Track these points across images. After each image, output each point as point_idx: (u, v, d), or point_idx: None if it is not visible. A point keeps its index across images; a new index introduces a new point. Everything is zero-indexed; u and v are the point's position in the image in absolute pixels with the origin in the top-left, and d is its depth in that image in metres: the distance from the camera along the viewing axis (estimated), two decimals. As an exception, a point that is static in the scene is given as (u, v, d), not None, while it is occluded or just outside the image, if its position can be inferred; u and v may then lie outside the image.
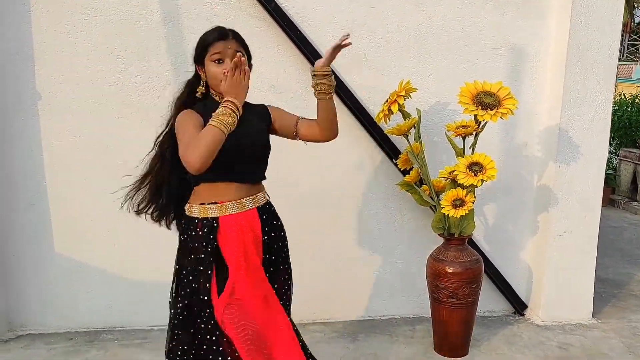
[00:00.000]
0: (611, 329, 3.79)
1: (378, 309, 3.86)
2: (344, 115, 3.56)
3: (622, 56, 31.83)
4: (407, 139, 3.36)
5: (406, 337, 3.60)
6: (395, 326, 3.75)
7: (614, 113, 7.88)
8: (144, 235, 3.45)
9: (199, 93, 2.25)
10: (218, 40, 2.19)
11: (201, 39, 2.23)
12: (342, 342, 3.51)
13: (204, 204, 2.21)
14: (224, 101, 2.05)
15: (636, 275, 4.88)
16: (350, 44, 2.29)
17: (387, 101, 3.29)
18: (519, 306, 3.95)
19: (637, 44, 36.51)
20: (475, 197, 3.20)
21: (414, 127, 3.32)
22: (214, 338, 2.16)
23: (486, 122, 3.20)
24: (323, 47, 3.46)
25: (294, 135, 2.42)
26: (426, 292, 3.46)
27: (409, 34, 3.58)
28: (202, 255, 2.18)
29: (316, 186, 3.64)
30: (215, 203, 2.21)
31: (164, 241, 2.54)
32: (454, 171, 3.20)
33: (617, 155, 7.85)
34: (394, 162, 3.56)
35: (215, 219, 2.20)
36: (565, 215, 3.76)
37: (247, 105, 2.19)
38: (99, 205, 3.45)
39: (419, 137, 3.34)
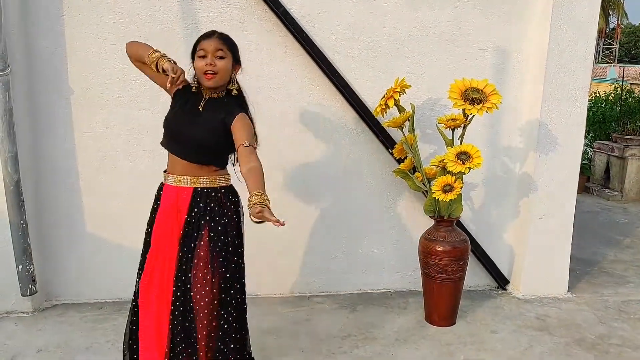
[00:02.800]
0: (584, 302, 3.79)
1: (375, 283, 3.86)
2: (345, 110, 3.56)
3: (598, 59, 31.66)
4: (402, 131, 3.35)
5: (400, 309, 3.60)
6: (390, 299, 3.75)
7: (589, 109, 7.82)
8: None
9: (194, 87, 2.33)
10: (204, 39, 2.29)
11: (196, 40, 2.35)
12: (342, 312, 3.51)
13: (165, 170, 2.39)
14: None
15: (608, 254, 4.86)
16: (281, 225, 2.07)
17: (384, 97, 3.28)
18: (501, 281, 3.95)
19: (611, 48, 36.28)
20: (463, 183, 3.19)
21: (408, 120, 3.31)
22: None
23: (473, 116, 3.18)
24: (327, 47, 3.46)
25: (236, 149, 2.25)
26: (418, 268, 3.46)
27: (404, 36, 3.56)
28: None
29: (319, 172, 3.64)
30: (165, 171, 2.38)
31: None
32: (443, 160, 3.19)
33: (592, 147, 7.81)
34: (390, 151, 3.55)
35: (161, 186, 2.39)
36: (544, 200, 3.75)
37: (220, 103, 2.30)
38: (126, 188, 3.46)
39: (413, 129, 3.32)
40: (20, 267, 3.20)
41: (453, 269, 3.26)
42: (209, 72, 2.23)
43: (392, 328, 3.31)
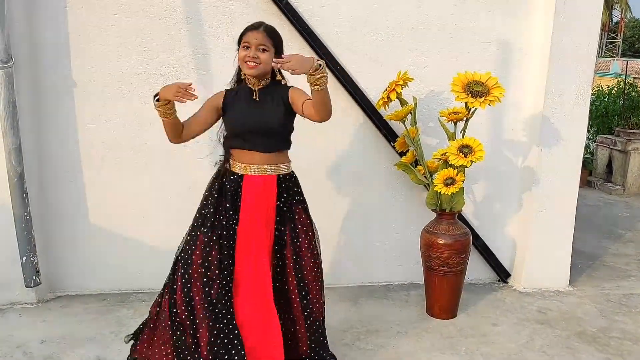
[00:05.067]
0: (586, 295, 3.78)
1: (377, 276, 3.86)
2: (347, 103, 3.55)
3: (601, 52, 31.53)
4: (404, 124, 3.34)
5: (402, 301, 3.60)
6: (392, 291, 3.75)
7: (592, 103, 7.81)
8: (169, 208, 3.47)
9: (243, 74, 2.44)
10: (250, 30, 2.37)
11: (244, 30, 2.41)
12: (345, 304, 3.52)
13: None
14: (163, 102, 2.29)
15: (609, 248, 4.85)
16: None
17: (386, 90, 3.28)
18: (503, 275, 3.95)
19: (614, 42, 36.10)
20: (465, 176, 3.18)
21: (411, 113, 3.31)
22: None
23: (476, 109, 3.18)
24: (330, 41, 3.45)
25: (301, 113, 2.44)
26: (420, 261, 3.46)
27: (407, 29, 3.54)
28: None
29: (321, 165, 3.64)
30: (227, 162, 2.51)
31: (189, 213, 2.54)
32: (446, 153, 3.18)
33: (595, 141, 7.78)
34: (392, 144, 3.55)
35: (228, 176, 2.49)
36: (546, 194, 3.74)
37: (270, 89, 2.42)
38: (129, 181, 3.46)
39: (415, 122, 3.32)
40: (24, 258, 3.21)
41: (454, 262, 3.25)
42: (250, 61, 2.34)
43: (394, 320, 3.32)
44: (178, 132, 2.41)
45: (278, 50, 2.40)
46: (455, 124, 3.28)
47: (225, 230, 2.41)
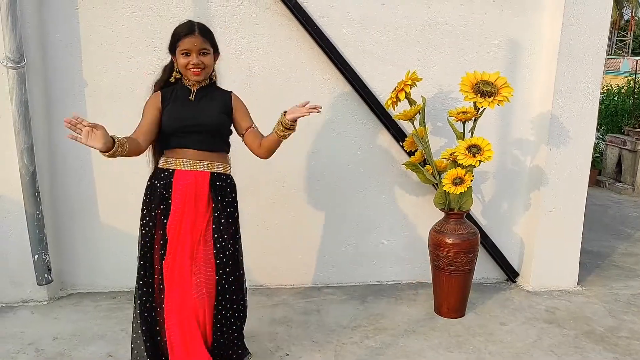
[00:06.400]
0: (594, 295, 3.78)
1: (385, 275, 3.87)
2: (356, 102, 3.56)
3: (611, 51, 31.31)
4: (413, 124, 3.35)
5: (410, 300, 3.61)
6: (400, 290, 3.76)
7: (601, 102, 7.78)
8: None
9: (173, 78, 2.40)
10: (185, 36, 2.29)
11: (173, 32, 2.35)
12: (353, 303, 3.53)
13: None
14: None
15: (618, 247, 4.84)
16: (318, 112, 2.37)
17: (395, 89, 3.27)
18: (511, 274, 3.95)
19: (625, 40, 35.84)
20: (473, 176, 3.19)
21: (419, 113, 3.31)
22: None
23: (484, 109, 3.17)
24: (339, 41, 3.45)
25: (240, 134, 2.49)
26: (428, 260, 3.46)
27: (415, 28, 3.55)
28: None
29: (330, 165, 3.65)
30: (162, 161, 2.45)
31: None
32: (454, 152, 3.18)
33: (604, 141, 7.75)
34: (401, 144, 3.55)
35: (164, 173, 2.42)
36: (555, 194, 3.73)
37: (209, 90, 2.40)
38: (139, 179, 3.46)
39: (424, 122, 3.32)
40: (36, 256, 3.25)
41: (463, 261, 3.26)
42: (195, 70, 2.32)
43: (402, 319, 3.33)
44: (137, 149, 2.30)
45: (215, 49, 2.39)
46: (463, 123, 3.28)
47: (160, 229, 2.37)
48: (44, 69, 3.30)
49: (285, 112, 2.33)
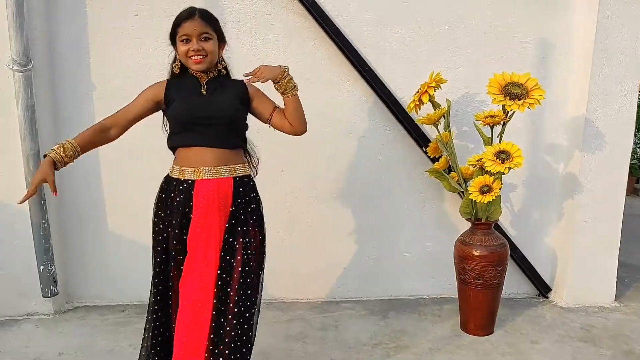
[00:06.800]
0: (633, 312, 3.69)
1: (407, 289, 3.84)
2: (376, 105, 3.55)
3: (649, 50, 30.77)
4: (437, 128, 3.32)
5: (434, 316, 3.57)
6: (424, 305, 3.72)
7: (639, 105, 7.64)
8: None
9: (176, 68, 2.31)
10: (185, 21, 2.21)
11: (174, 20, 2.26)
12: (373, 319, 3.50)
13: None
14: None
15: (659, 261, 4.74)
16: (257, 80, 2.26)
17: (417, 92, 3.25)
18: (543, 289, 3.89)
19: (664, 39, 35.22)
20: (502, 184, 3.14)
21: (444, 117, 3.28)
22: None
23: (514, 112, 3.14)
24: (357, 41, 3.45)
25: (267, 120, 2.38)
26: (453, 273, 3.42)
27: (439, 27, 3.52)
28: None
29: (348, 171, 3.63)
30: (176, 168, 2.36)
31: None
32: (481, 159, 3.15)
33: (643, 146, 7.63)
34: (424, 150, 3.53)
35: (178, 182, 2.31)
36: (590, 203, 3.67)
37: (219, 82, 2.30)
38: (149, 188, 3.48)
39: (449, 126, 3.29)
40: (41, 267, 3.27)
41: (491, 275, 3.22)
42: (196, 57, 2.21)
43: (426, 336, 3.28)
44: (102, 141, 2.34)
45: (219, 35, 2.29)
46: (491, 128, 3.24)
47: (179, 244, 2.27)
48: (51, 72, 3.34)
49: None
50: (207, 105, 2.24)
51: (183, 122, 2.25)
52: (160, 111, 2.39)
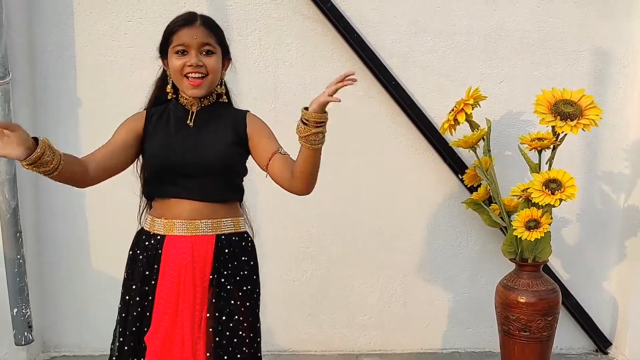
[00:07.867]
0: None
1: (440, 341, 3.80)
2: (404, 126, 3.55)
3: None
4: (475, 152, 3.28)
5: (471, 374, 3.50)
6: (460, 361, 3.67)
7: None
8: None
9: (169, 93, 2.07)
10: (182, 27, 1.98)
11: (167, 26, 2.06)
12: (399, 376, 3.45)
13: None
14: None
15: None
16: (353, 82, 1.90)
17: (452, 110, 3.24)
18: (601, 343, 3.81)
19: None
20: (552, 218, 3.09)
21: (483, 139, 3.26)
22: None
23: (565, 135, 3.10)
24: (383, 51, 3.45)
25: (264, 167, 2.05)
26: (494, 323, 3.36)
27: (478, 36, 3.53)
28: None
29: (370, 201, 3.62)
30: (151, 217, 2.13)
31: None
32: (527, 189, 3.11)
33: None
34: (460, 177, 3.50)
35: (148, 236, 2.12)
36: (657, 241, 3.61)
37: (215, 111, 2.07)
38: (136, 222, 3.47)
39: (489, 151, 3.26)
40: (15, 310, 3.25)
41: (539, 325, 3.15)
42: (195, 76, 1.98)
43: (462, 399, 3.21)
44: (81, 174, 1.98)
45: (224, 50, 2.07)
46: (539, 152, 3.21)
47: (133, 291, 2.12)
48: (31, 85, 3.38)
49: (305, 107, 1.88)
50: (190, 147, 2.00)
51: (156, 167, 2.04)
52: None
